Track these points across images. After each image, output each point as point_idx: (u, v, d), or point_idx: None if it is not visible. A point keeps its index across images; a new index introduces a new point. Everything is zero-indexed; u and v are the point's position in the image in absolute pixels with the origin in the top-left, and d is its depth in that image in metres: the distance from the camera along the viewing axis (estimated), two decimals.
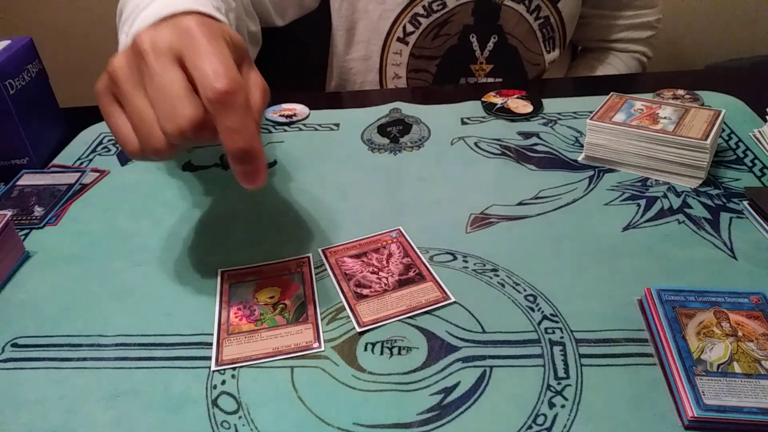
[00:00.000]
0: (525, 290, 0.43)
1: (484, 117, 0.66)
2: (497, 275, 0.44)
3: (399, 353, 0.39)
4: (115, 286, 0.46)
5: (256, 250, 0.48)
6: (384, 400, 0.36)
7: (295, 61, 0.93)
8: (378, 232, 0.49)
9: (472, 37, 0.79)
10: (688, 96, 0.65)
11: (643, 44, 0.91)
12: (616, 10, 0.88)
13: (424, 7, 0.76)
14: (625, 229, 0.48)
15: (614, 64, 0.91)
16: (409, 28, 0.78)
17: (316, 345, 0.39)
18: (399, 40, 0.79)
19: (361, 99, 0.77)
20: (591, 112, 0.56)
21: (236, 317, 0.42)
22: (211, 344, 0.40)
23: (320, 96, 0.84)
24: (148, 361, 0.39)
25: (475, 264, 0.45)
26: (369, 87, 0.84)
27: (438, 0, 0.76)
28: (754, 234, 0.46)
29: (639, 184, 0.53)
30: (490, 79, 0.83)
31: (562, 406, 0.35)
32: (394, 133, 0.64)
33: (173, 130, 0.34)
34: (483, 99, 0.68)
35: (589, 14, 0.88)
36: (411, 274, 0.45)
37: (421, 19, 0.77)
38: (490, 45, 0.80)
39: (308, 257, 0.47)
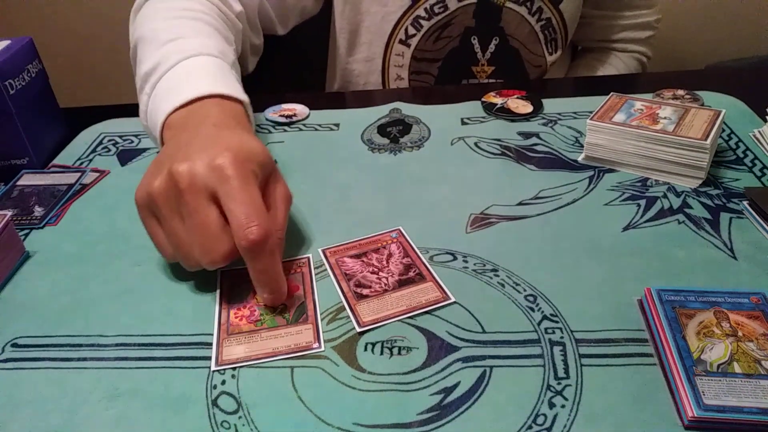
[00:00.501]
0: (525, 290, 0.43)
1: (484, 117, 0.66)
2: (497, 275, 0.44)
3: (399, 353, 0.39)
4: (115, 286, 0.46)
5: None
6: (384, 400, 0.36)
7: (295, 62, 0.93)
8: (378, 232, 0.49)
9: (474, 39, 0.79)
10: (688, 96, 0.65)
11: (643, 44, 0.91)
12: (617, 11, 0.88)
13: (425, 9, 0.76)
14: (625, 229, 0.48)
15: (614, 64, 0.91)
16: (411, 30, 0.78)
17: (315, 345, 0.39)
18: (401, 42, 0.79)
19: (361, 99, 0.77)
20: (591, 112, 0.56)
21: (236, 317, 0.42)
22: (211, 344, 0.40)
23: (320, 96, 0.84)
24: (149, 361, 0.39)
25: (475, 264, 0.45)
26: (372, 89, 0.84)
27: (440, 2, 0.76)
28: (754, 234, 0.46)
29: (639, 184, 0.53)
30: (492, 81, 0.83)
31: (562, 406, 0.35)
32: (394, 133, 0.64)
33: (207, 261, 0.40)
34: (483, 99, 0.68)
35: (590, 14, 0.88)
36: (411, 274, 0.45)
37: (423, 22, 0.77)
38: (492, 47, 0.80)
39: (308, 258, 0.47)
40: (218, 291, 0.44)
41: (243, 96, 0.52)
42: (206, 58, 0.54)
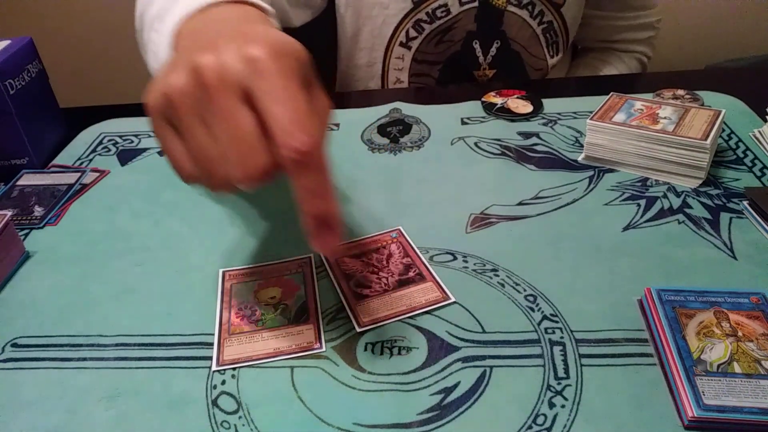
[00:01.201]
0: (525, 290, 0.43)
1: (484, 117, 0.66)
2: (497, 275, 0.44)
3: (399, 353, 0.39)
4: (115, 286, 0.46)
5: (256, 250, 0.48)
6: (384, 400, 0.36)
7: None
8: (378, 232, 0.49)
9: (475, 43, 0.79)
10: (688, 96, 0.65)
11: (644, 44, 0.91)
12: (617, 11, 0.88)
13: (427, 13, 0.76)
14: (625, 229, 0.48)
15: (615, 64, 0.91)
16: (413, 33, 0.78)
17: (317, 345, 0.39)
18: (401, 44, 0.79)
19: (361, 99, 0.77)
20: (591, 112, 0.56)
21: (237, 317, 0.42)
22: (211, 344, 0.40)
23: None
24: (148, 361, 0.39)
25: (475, 264, 0.45)
26: None
27: (442, 6, 0.76)
28: (754, 234, 0.46)
29: (639, 184, 0.53)
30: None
31: (562, 406, 0.35)
32: (394, 133, 0.64)
33: (242, 177, 0.32)
34: (483, 99, 0.68)
35: (591, 15, 0.88)
36: (411, 274, 0.45)
37: (425, 25, 0.77)
38: (493, 50, 0.80)
39: (309, 257, 0.47)
40: (219, 291, 0.44)
41: (267, 5, 0.43)
42: None
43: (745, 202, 0.49)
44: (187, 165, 0.34)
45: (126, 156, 0.64)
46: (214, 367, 0.38)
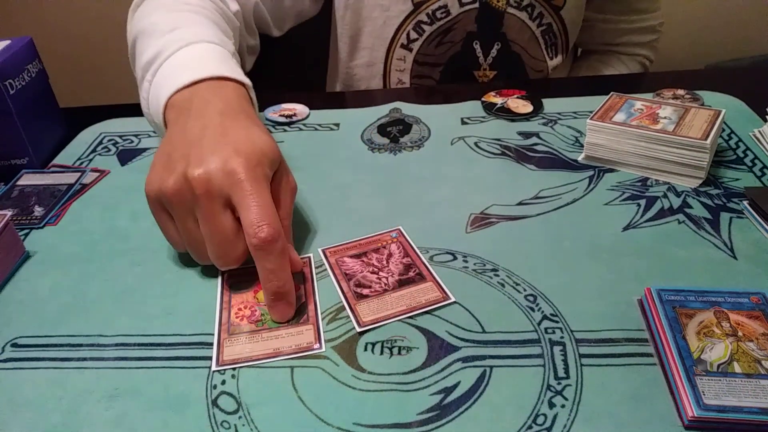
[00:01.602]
0: (525, 290, 0.43)
1: (484, 117, 0.66)
2: (497, 275, 0.44)
3: (399, 353, 0.39)
4: (115, 286, 0.46)
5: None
6: (384, 400, 0.36)
7: (295, 61, 0.93)
8: (378, 232, 0.49)
9: (476, 44, 0.79)
10: (688, 96, 0.65)
11: (646, 48, 0.91)
12: (619, 15, 0.88)
13: (428, 14, 0.76)
14: (625, 229, 0.48)
15: (616, 67, 0.91)
16: (413, 35, 0.78)
17: (317, 346, 0.39)
18: (403, 46, 0.79)
19: (361, 99, 0.77)
20: (591, 112, 0.56)
21: (237, 317, 0.42)
22: (211, 344, 0.40)
23: (320, 96, 0.84)
24: (148, 361, 0.39)
25: (475, 264, 0.45)
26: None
27: (442, 8, 0.76)
28: (754, 234, 0.46)
29: (639, 184, 0.53)
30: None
31: (562, 406, 0.35)
32: (394, 133, 0.64)
33: (222, 264, 0.43)
34: (483, 99, 0.68)
35: (593, 18, 0.88)
36: (411, 274, 0.45)
37: (425, 27, 0.77)
38: (494, 52, 0.80)
39: (309, 257, 0.47)
40: (219, 291, 0.44)
41: (245, 79, 0.52)
42: (207, 44, 0.54)
43: (745, 202, 0.49)
44: (179, 242, 0.44)
45: (126, 156, 0.64)
46: (213, 367, 0.38)
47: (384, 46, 0.79)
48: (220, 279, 0.45)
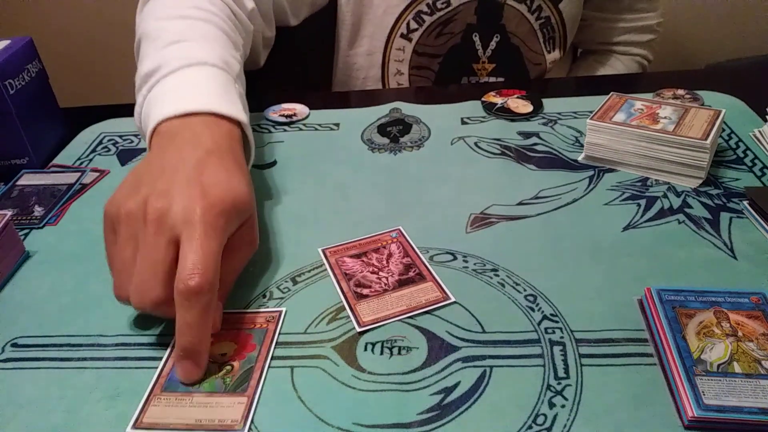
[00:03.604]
0: (525, 290, 0.43)
1: (484, 117, 0.66)
2: (497, 275, 0.44)
3: (399, 353, 0.39)
4: None
5: (255, 252, 0.48)
6: (384, 400, 0.36)
7: (296, 61, 0.93)
8: (378, 232, 0.49)
9: (475, 36, 0.79)
10: (688, 96, 0.65)
11: (644, 47, 0.91)
12: (618, 13, 0.88)
13: (428, 5, 0.77)
14: (625, 229, 0.48)
15: (615, 67, 0.91)
16: (413, 24, 0.78)
17: (238, 427, 0.35)
18: (402, 36, 0.79)
19: (362, 99, 0.77)
20: (591, 112, 0.56)
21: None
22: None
23: (320, 96, 0.84)
24: (148, 361, 0.39)
25: (475, 264, 0.45)
26: (371, 83, 0.84)
27: None
28: (754, 234, 0.46)
29: (639, 184, 0.53)
30: (492, 79, 0.83)
31: (562, 406, 0.35)
32: (394, 133, 0.64)
33: (137, 301, 0.38)
34: (483, 99, 0.68)
35: (591, 17, 0.88)
36: (411, 274, 0.45)
37: (425, 17, 0.77)
38: (493, 44, 0.80)
39: (280, 312, 0.42)
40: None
41: (242, 116, 0.49)
42: (210, 68, 0.51)
43: (745, 202, 0.49)
44: (114, 266, 0.41)
45: (126, 156, 0.64)
46: (128, 430, 0.35)
47: (384, 34, 0.79)
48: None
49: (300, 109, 0.70)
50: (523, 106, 0.66)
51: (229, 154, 0.44)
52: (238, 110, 0.48)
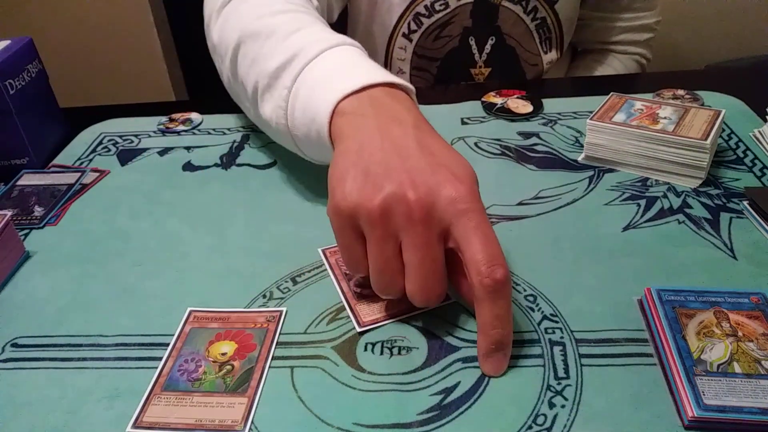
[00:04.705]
0: (525, 290, 0.43)
1: (484, 117, 0.66)
2: None
3: (399, 353, 0.39)
4: (115, 286, 0.46)
5: (254, 253, 0.48)
6: (384, 400, 0.36)
7: None
8: None
9: (471, 40, 0.80)
10: (688, 96, 0.65)
11: (642, 46, 0.92)
12: (616, 12, 0.88)
13: (426, 6, 0.77)
14: (625, 229, 0.48)
15: (613, 66, 0.91)
16: (413, 26, 0.78)
17: (238, 427, 0.35)
18: (404, 35, 0.79)
19: None
20: (591, 112, 0.56)
21: (179, 371, 0.38)
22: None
23: None
24: (148, 361, 0.39)
25: None
26: None
27: (441, 0, 0.76)
28: (754, 234, 0.46)
29: (639, 184, 0.53)
30: (490, 82, 0.83)
31: (562, 406, 0.35)
32: None
33: (420, 300, 0.37)
34: (483, 99, 0.68)
35: (589, 16, 0.88)
36: None
37: (423, 19, 0.78)
38: (488, 47, 0.80)
39: (280, 312, 0.42)
40: (176, 334, 0.41)
41: (410, 86, 0.46)
42: (350, 48, 0.48)
43: (745, 202, 0.49)
44: (364, 266, 0.38)
45: (126, 156, 0.64)
46: (129, 429, 0.35)
47: (386, 33, 0.80)
48: (183, 319, 0.42)
49: None
50: (523, 107, 0.66)
51: (430, 129, 0.41)
52: (402, 80, 0.45)
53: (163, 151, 0.64)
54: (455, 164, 0.38)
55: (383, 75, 0.44)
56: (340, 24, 0.82)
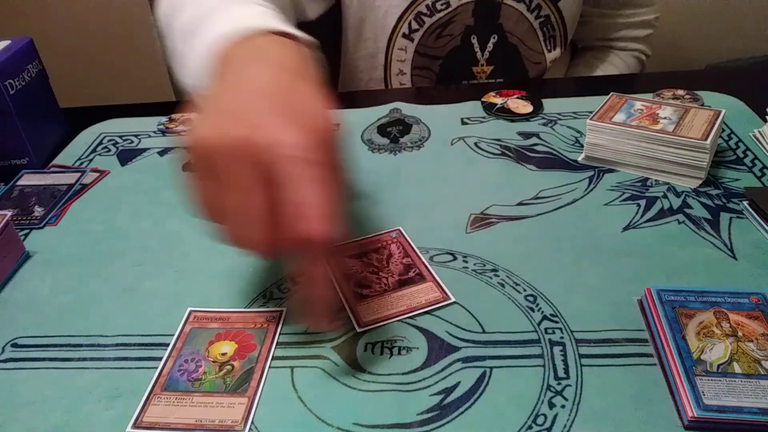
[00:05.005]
0: (525, 290, 0.43)
1: (484, 117, 0.66)
2: (497, 275, 0.44)
3: (399, 353, 0.39)
4: (115, 286, 0.46)
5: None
6: (384, 400, 0.36)
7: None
8: (378, 232, 0.49)
9: (473, 38, 0.80)
10: (688, 96, 0.65)
11: (642, 43, 0.92)
12: (616, 9, 0.88)
13: (427, 6, 0.77)
14: (625, 229, 0.48)
15: (614, 63, 0.91)
16: (414, 25, 0.78)
17: (238, 427, 0.35)
18: (404, 36, 0.79)
19: (362, 99, 0.77)
20: (591, 112, 0.56)
21: (179, 370, 0.38)
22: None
23: None
24: (148, 361, 0.39)
25: (475, 264, 0.45)
26: (375, 83, 0.84)
27: None
28: (754, 234, 0.46)
29: (639, 184, 0.53)
30: (492, 81, 0.83)
31: (562, 406, 0.35)
32: (394, 133, 0.64)
33: (235, 244, 0.35)
34: (483, 99, 0.68)
35: (589, 13, 0.88)
36: (411, 274, 0.45)
37: (425, 18, 0.78)
38: (490, 45, 0.80)
39: (280, 312, 0.42)
40: (176, 333, 0.41)
41: (309, 37, 0.43)
42: (261, 7, 0.47)
43: (745, 202, 0.49)
44: (217, 211, 0.36)
45: (126, 156, 0.64)
46: (128, 429, 0.35)
47: (385, 35, 0.80)
48: (183, 319, 0.42)
49: None
50: (523, 107, 0.66)
51: (309, 75, 0.39)
52: (302, 32, 0.44)
53: (163, 151, 0.64)
54: (309, 113, 0.35)
55: (277, 25, 0.42)
56: (336, 30, 0.82)
